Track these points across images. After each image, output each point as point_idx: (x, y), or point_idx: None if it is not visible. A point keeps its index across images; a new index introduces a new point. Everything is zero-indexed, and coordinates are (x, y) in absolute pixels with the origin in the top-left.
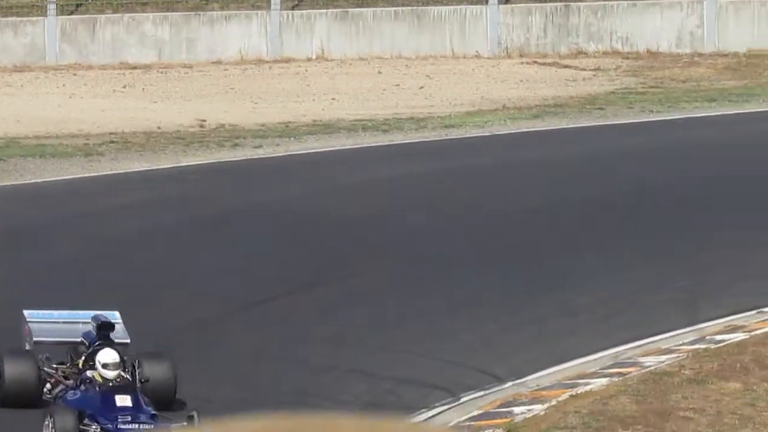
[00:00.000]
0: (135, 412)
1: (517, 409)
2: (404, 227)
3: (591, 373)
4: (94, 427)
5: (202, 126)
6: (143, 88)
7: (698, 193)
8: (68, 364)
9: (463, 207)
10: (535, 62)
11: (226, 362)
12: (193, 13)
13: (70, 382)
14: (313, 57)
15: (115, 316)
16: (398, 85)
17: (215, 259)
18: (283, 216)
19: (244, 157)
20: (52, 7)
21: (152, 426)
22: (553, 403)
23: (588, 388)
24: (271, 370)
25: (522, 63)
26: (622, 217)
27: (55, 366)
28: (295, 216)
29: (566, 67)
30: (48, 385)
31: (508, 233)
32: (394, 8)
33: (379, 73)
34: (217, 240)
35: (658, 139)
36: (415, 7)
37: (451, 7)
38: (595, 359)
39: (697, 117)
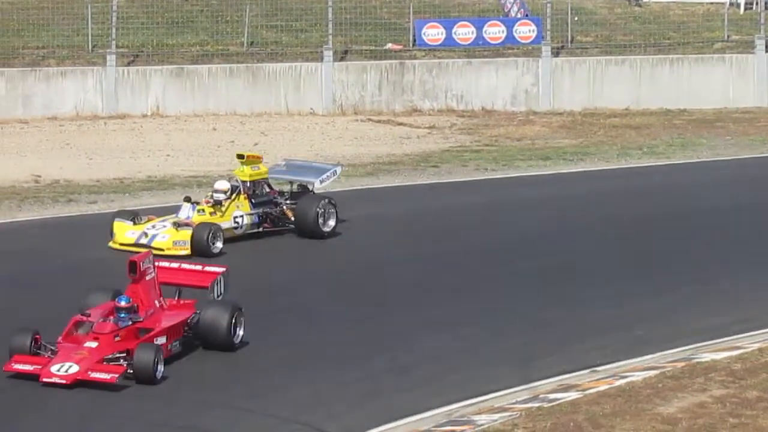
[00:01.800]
0: None
1: None
2: (236, 283)
3: (424, 431)
4: None
5: (37, 181)
6: None
7: (536, 250)
8: None
9: (297, 264)
10: (369, 119)
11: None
12: (30, 68)
13: None
14: (149, 113)
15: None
16: (233, 141)
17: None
18: (114, 270)
19: (78, 213)
20: None
21: None
22: None
23: None
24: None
25: (357, 120)
26: (456, 274)
27: None
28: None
29: (401, 124)
30: None
31: (343, 290)
32: (230, 65)
33: (214, 129)
34: (43, 295)
35: (493, 198)
36: (250, 64)
37: (286, 64)
38: (428, 416)
39: (530, 176)
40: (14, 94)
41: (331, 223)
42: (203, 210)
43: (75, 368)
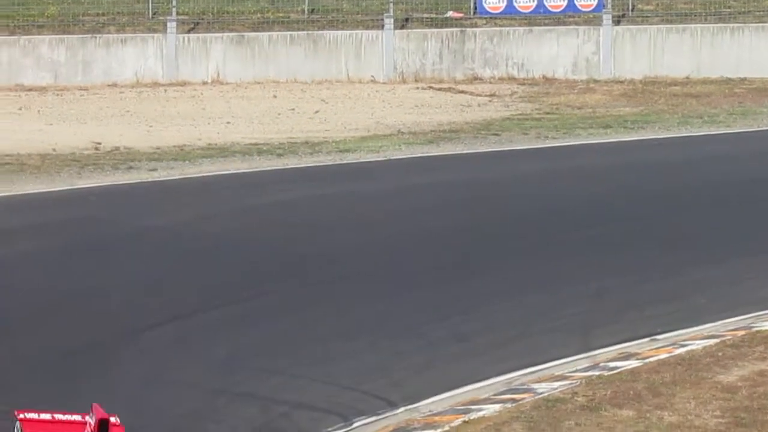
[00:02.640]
0: None
1: None
2: (299, 251)
3: (484, 399)
4: None
5: (97, 149)
6: (39, 110)
7: (596, 218)
8: None
9: (358, 231)
10: (430, 87)
11: (119, 386)
12: (90, 35)
13: None
14: (209, 80)
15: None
16: (293, 109)
17: (108, 282)
18: (176, 239)
19: (138, 180)
20: None
21: None
22: (446, 428)
23: (481, 414)
24: (165, 393)
25: (417, 88)
26: (517, 243)
27: None
28: (189, 239)
29: (462, 92)
30: None
31: (404, 258)
32: (290, 32)
33: (275, 97)
34: (111, 263)
35: (555, 165)
36: (310, 32)
37: (347, 32)
38: (488, 385)
39: (592, 143)
40: (74, 61)
41: None
42: None
43: None
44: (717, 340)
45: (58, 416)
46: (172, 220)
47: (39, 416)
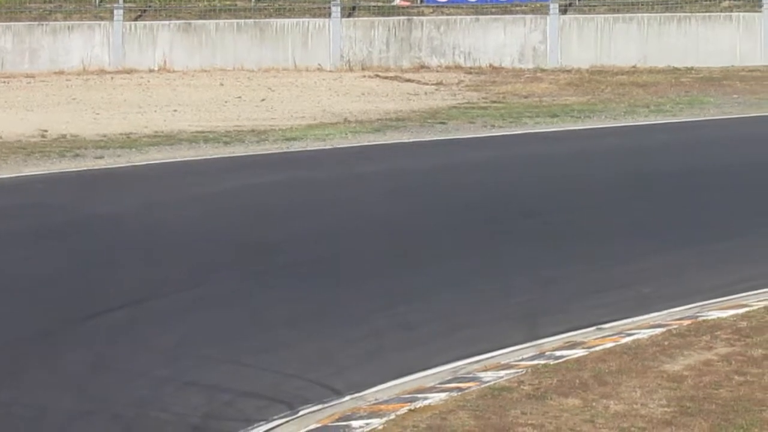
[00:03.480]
0: None
1: (355, 423)
2: (246, 239)
3: (430, 387)
4: None
5: (43, 136)
6: None
7: (544, 207)
8: None
9: (305, 220)
10: (377, 76)
11: (65, 374)
12: (36, 23)
13: None
14: (156, 68)
15: None
16: (240, 97)
17: (52, 269)
18: (124, 227)
19: (85, 168)
20: None
21: None
22: (392, 417)
23: (427, 402)
24: (110, 381)
25: (364, 76)
26: (464, 231)
27: None
28: (136, 228)
29: (408, 81)
30: None
31: (350, 246)
32: (237, 20)
33: (221, 85)
34: (58, 251)
35: (502, 154)
36: (257, 20)
37: (294, 20)
38: (434, 374)
39: (539, 132)
40: (21, 48)
41: None
42: None
43: None
44: (663, 330)
45: None
46: (119, 208)
47: None
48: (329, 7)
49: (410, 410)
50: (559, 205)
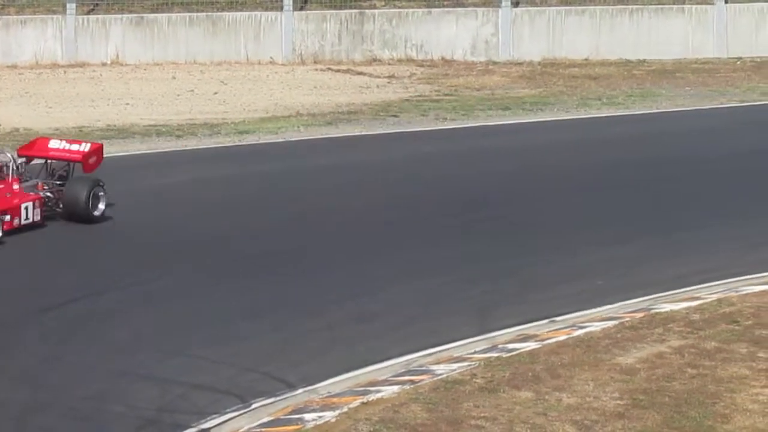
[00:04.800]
0: None
1: (308, 416)
2: (198, 232)
3: (382, 380)
4: None
5: None
6: None
7: (497, 199)
8: None
9: (258, 213)
10: (329, 69)
11: (20, 367)
12: None
13: None
14: (108, 62)
15: None
16: (192, 90)
17: (9, 262)
18: (76, 220)
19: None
20: None
21: None
22: (344, 410)
23: (379, 395)
24: (66, 374)
25: (316, 70)
26: (418, 224)
27: None
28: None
29: (360, 74)
30: None
31: (303, 240)
32: (189, 14)
33: (174, 78)
34: (12, 243)
35: (454, 147)
36: (210, 13)
37: (246, 13)
38: (386, 366)
39: (491, 125)
40: None
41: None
42: None
43: None
44: (616, 322)
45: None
46: None
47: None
48: (281, 1)
49: (363, 403)
50: (513, 198)
